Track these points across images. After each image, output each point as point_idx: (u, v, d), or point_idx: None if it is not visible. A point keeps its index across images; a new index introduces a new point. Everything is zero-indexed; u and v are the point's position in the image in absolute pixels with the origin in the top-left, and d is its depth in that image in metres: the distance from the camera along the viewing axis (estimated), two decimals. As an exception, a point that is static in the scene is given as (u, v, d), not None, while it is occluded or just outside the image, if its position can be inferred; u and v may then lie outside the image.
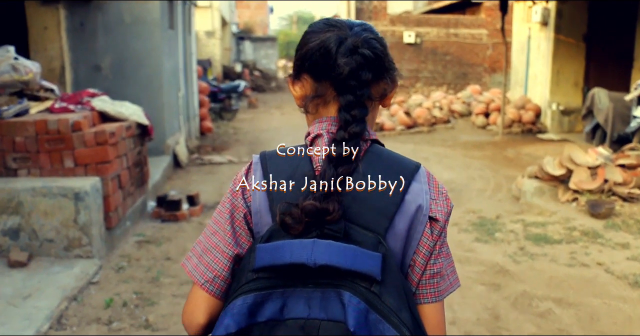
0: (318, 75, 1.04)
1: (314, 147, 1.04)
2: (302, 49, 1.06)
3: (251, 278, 0.93)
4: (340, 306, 0.89)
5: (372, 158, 1.02)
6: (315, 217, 0.93)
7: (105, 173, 4.33)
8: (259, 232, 1.02)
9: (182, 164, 7.98)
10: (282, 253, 0.91)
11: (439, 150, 10.11)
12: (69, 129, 4.25)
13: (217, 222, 1.05)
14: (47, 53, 6.81)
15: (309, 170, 1.01)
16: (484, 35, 20.31)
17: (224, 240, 1.03)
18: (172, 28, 8.21)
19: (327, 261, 0.88)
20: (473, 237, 4.92)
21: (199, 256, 1.05)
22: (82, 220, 4.07)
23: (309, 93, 1.07)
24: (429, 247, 1.02)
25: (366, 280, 0.90)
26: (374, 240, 0.94)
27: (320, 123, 1.07)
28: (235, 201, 1.04)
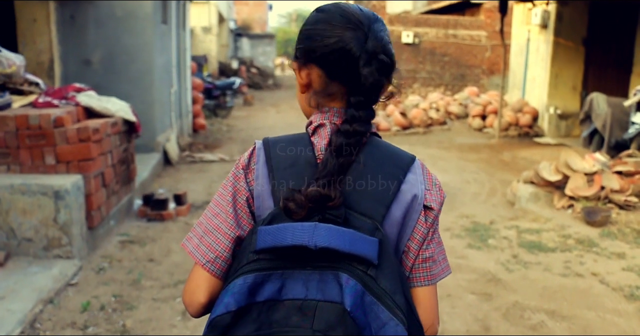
0: (332, 75, 1.05)
1: (315, 136, 1.07)
2: (316, 39, 1.05)
3: (252, 259, 0.95)
4: (337, 287, 0.91)
5: (371, 150, 1.06)
6: (318, 202, 0.96)
7: (88, 171, 4.20)
8: (260, 215, 1.04)
9: (173, 162, 7.84)
10: (284, 235, 0.93)
11: (434, 152, 10.00)
12: (51, 125, 4.11)
13: (219, 204, 1.07)
14: (35, 46, 6.67)
15: (311, 157, 1.04)
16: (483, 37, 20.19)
17: (226, 222, 1.05)
18: (165, 23, 8.06)
19: (327, 244, 0.91)
20: (465, 242, 4.80)
21: (200, 237, 1.07)
22: (62, 219, 3.94)
23: (317, 86, 1.08)
24: (423, 234, 1.06)
25: (363, 263, 0.93)
26: (372, 226, 0.97)
27: (323, 113, 1.09)
28: (237, 184, 1.07)
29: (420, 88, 18.54)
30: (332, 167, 0.99)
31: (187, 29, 10.29)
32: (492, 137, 11.38)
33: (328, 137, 1.05)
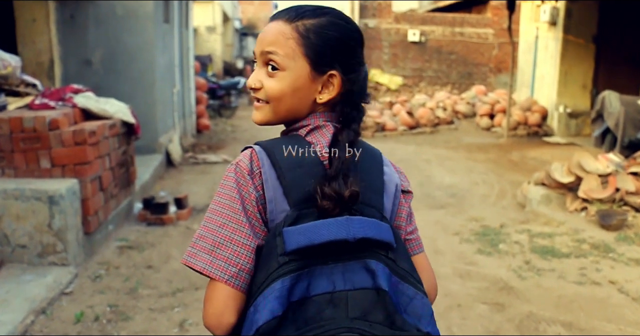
0: (348, 71, 1.10)
1: (311, 137, 1.09)
2: (354, 52, 1.12)
3: (284, 261, 0.94)
4: (365, 274, 0.95)
5: (359, 147, 1.10)
6: (353, 199, 1.00)
7: (84, 175, 4.06)
8: (274, 219, 1.03)
9: (175, 163, 7.70)
10: (319, 233, 0.95)
11: (442, 152, 9.82)
12: (46, 127, 3.97)
13: (223, 214, 1.02)
14: (35, 46, 6.54)
15: (315, 157, 1.05)
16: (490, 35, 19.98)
17: (241, 232, 1.01)
18: (167, 22, 7.92)
19: (364, 235, 0.96)
20: (475, 248, 4.63)
21: (210, 251, 1.01)
22: (57, 225, 3.80)
23: (335, 94, 1.10)
24: (407, 212, 1.18)
25: (384, 248, 0.99)
26: (379, 215, 1.05)
27: (316, 117, 1.11)
28: (243, 191, 1.03)
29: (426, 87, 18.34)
30: (347, 163, 1.03)
31: (190, 28, 10.15)
32: (501, 137, 11.18)
33: (329, 137, 1.08)
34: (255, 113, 1.15)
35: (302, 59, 1.07)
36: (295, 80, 1.07)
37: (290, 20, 1.08)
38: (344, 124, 1.08)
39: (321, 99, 1.10)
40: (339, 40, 1.08)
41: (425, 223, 5.40)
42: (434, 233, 5.08)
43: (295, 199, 1.01)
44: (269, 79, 1.09)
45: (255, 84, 1.11)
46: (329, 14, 1.09)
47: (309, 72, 1.08)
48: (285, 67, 1.07)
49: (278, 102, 1.09)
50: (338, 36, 1.08)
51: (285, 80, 1.07)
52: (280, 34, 1.07)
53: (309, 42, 1.07)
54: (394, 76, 17.94)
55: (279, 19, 1.10)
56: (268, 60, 1.09)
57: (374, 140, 11.01)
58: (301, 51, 1.07)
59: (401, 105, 12.86)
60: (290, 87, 1.08)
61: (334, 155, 1.04)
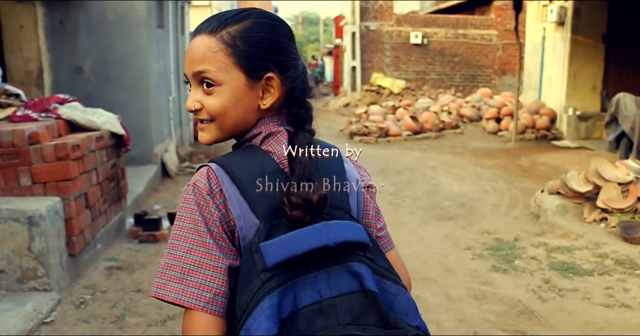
0: (284, 70, 1.06)
1: (266, 145, 1.05)
2: (283, 50, 1.07)
3: (266, 278, 0.91)
4: (350, 278, 0.93)
5: (316, 147, 1.06)
6: (322, 204, 0.97)
7: (67, 192, 3.76)
8: (245, 236, 0.99)
9: (171, 173, 7.41)
10: (299, 243, 0.92)
11: (448, 158, 9.51)
12: (25, 142, 3.68)
13: (188, 239, 0.97)
14: (23, 54, 6.27)
15: (275, 165, 1.02)
16: (494, 36, 19.68)
17: (210, 255, 0.96)
18: (161, 27, 7.64)
19: (343, 238, 0.94)
20: (489, 265, 4.32)
21: (181, 279, 0.96)
22: (37, 248, 3.50)
23: (278, 96, 1.06)
24: (374, 208, 1.15)
25: (361, 249, 0.97)
26: (348, 216, 1.03)
27: (265, 124, 1.07)
28: (204, 212, 0.98)
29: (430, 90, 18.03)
30: (310, 167, 1.00)
31: (187, 33, 9.87)
32: (508, 141, 10.87)
33: (285, 143, 1.04)
34: (202, 134, 1.08)
35: (235, 69, 1.03)
36: (234, 92, 1.03)
37: (214, 31, 1.03)
38: (297, 126, 1.06)
39: (265, 105, 1.06)
40: (267, 41, 1.04)
41: (434, 237, 5.10)
42: (445, 248, 4.77)
43: (264, 212, 0.98)
44: (207, 97, 1.04)
45: (195, 106, 1.05)
46: (251, 15, 1.05)
47: (246, 81, 1.04)
48: (221, 81, 1.03)
49: (222, 117, 1.05)
50: (266, 36, 1.04)
51: (224, 94, 1.03)
52: (207, 49, 1.02)
53: (237, 51, 1.02)
54: (396, 79, 17.63)
55: (202, 32, 1.05)
56: (202, 79, 1.04)
57: (377, 146, 10.71)
58: (232, 61, 1.02)
59: (405, 110, 12.56)
60: (231, 99, 1.03)
61: (294, 161, 1.01)
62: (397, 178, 7.59)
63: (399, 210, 5.98)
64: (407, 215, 5.83)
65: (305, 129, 1.06)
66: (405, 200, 6.42)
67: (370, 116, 11.94)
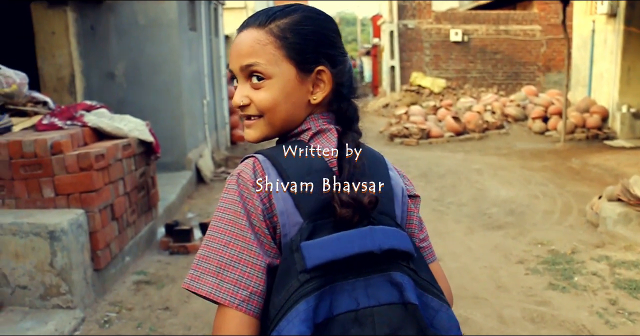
0: (334, 64, 1.03)
1: (314, 142, 1.01)
2: (335, 43, 1.04)
3: (305, 279, 0.86)
4: (390, 288, 0.89)
5: (363, 150, 1.02)
6: (373, 206, 0.93)
7: (91, 204, 3.56)
8: (287, 233, 0.93)
9: (206, 179, 7.22)
10: (343, 246, 0.87)
11: (493, 160, 9.06)
12: (48, 152, 3.50)
13: (228, 231, 0.91)
14: (55, 60, 6.18)
15: (323, 163, 0.97)
16: (537, 31, 18.97)
17: (249, 250, 0.91)
18: (193, 30, 7.47)
19: (389, 245, 0.90)
20: (546, 281, 3.93)
21: (216, 273, 0.90)
22: (59, 264, 3.31)
23: (329, 91, 1.02)
24: (418, 218, 1.11)
25: (405, 258, 0.93)
26: (394, 223, 0.98)
27: (315, 120, 1.03)
28: (248, 205, 0.92)
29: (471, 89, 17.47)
30: (360, 168, 0.96)
31: (221, 36, 9.71)
32: (557, 141, 10.32)
33: (334, 141, 1.00)
34: (249, 131, 1.04)
35: (286, 61, 0.99)
36: (285, 85, 0.99)
37: (262, 24, 1.00)
38: (346, 125, 1.02)
39: (315, 99, 1.02)
40: (318, 34, 1.01)
41: (483, 248, 4.73)
42: (495, 261, 4.40)
43: (308, 210, 0.93)
44: (256, 92, 1.00)
45: (242, 101, 1.01)
46: (299, 9, 1.03)
47: (296, 74, 1.00)
48: (271, 74, 0.99)
49: (272, 112, 1.01)
50: (315, 29, 1.01)
51: (275, 88, 0.99)
52: (256, 42, 0.99)
53: (287, 43, 0.99)
54: (436, 78, 17.15)
55: (249, 26, 1.01)
56: (250, 73, 1.00)
57: (418, 148, 10.33)
58: (282, 54, 0.99)
59: (446, 110, 12.12)
60: (282, 93, 1.00)
61: (343, 160, 0.97)
62: (440, 182, 7.22)
63: (444, 217, 5.62)
64: (453, 223, 5.46)
65: (354, 129, 1.02)
66: (450, 207, 6.05)
67: (410, 117, 11.56)
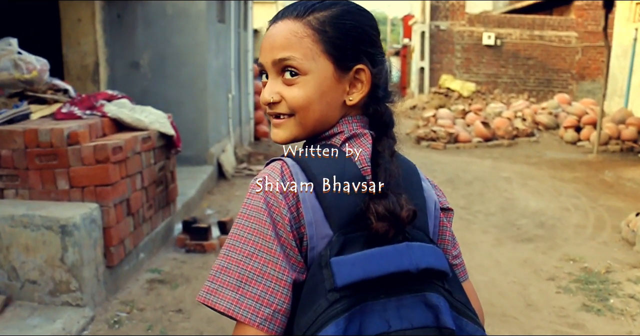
0: (374, 64, 0.94)
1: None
2: (375, 41, 0.95)
3: (335, 299, 0.78)
4: (424, 310, 0.82)
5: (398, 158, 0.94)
6: (410, 220, 0.85)
7: (107, 198, 3.43)
8: (315, 247, 0.84)
9: (227, 175, 7.09)
10: (377, 263, 0.80)
11: (522, 168, 8.77)
12: (64, 142, 3.37)
13: (251, 241, 0.83)
14: (80, 48, 6.09)
15: (356, 170, 0.89)
16: (573, 38, 18.49)
17: (274, 264, 0.82)
18: (222, 22, 7.33)
19: (427, 264, 0.83)
20: (579, 301, 3.70)
21: (236, 287, 0.82)
22: (70, 259, 3.18)
23: (366, 92, 0.94)
24: (450, 234, 1.02)
25: (440, 278, 0.85)
26: (428, 239, 0.90)
27: (349, 123, 0.94)
28: (274, 213, 0.84)
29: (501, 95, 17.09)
30: (396, 177, 0.87)
31: (250, 29, 9.57)
32: (589, 152, 9.98)
33: (369, 147, 0.91)
34: (277, 131, 0.95)
35: (323, 57, 0.90)
36: (321, 83, 0.90)
37: (300, 16, 0.91)
38: (381, 130, 0.94)
39: (351, 100, 0.93)
40: (359, 30, 0.92)
41: (511, 262, 4.49)
42: (524, 277, 4.17)
43: (339, 222, 0.84)
44: (289, 88, 0.91)
45: (273, 98, 0.92)
46: (339, 3, 0.93)
47: (334, 71, 0.91)
48: (307, 70, 0.90)
49: (305, 111, 0.91)
50: (356, 25, 0.92)
51: (310, 85, 0.90)
52: (292, 34, 0.90)
53: (326, 37, 0.90)
54: (466, 82, 16.82)
55: (286, 17, 0.92)
56: (284, 68, 0.90)
57: (445, 152, 10.08)
58: (320, 48, 0.90)
59: (475, 114, 11.83)
60: (317, 91, 0.90)
61: (378, 168, 0.88)
62: (467, 189, 6.98)
63: (471, 227, 5.39)
64: (480, 233, 5.23)
65: (389, 135, 0.94)
66: (477, 216, 5.82)
67: (438, 120, 11.29)
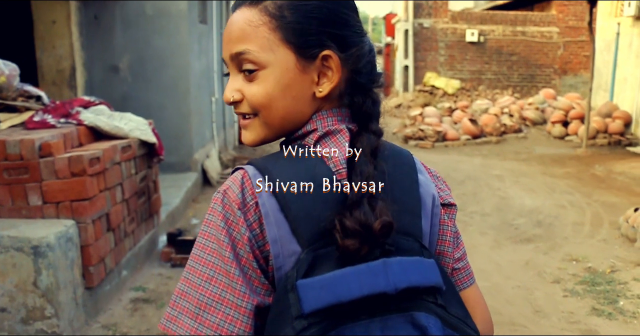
0: (345, 47, 0.82)
1: (320, 147, 0.80)
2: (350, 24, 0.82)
3: (302, 327, 0.68)
4: (412, 332, 0.71)
5: (383, 152, 0.82)
6: (386, 233, 0.73)
7: (84, 214, 3.18)
8: (281, 266, 0.75)
9: (213, 182, 6.84)
10: (348, 286, 0.69)
11: (513, 165, 8.64)
12: (35, 154, 3.11)
13: (209, 264, 0.75)
14: (55, 51, 5.80)
15: (329, 174, 0.77)
16: (555, 34, 18.50)
17: (233, 289, 0.74)
18: (204, 22, 7.08)
19: (407, 284, 0.71)
20: (587, 305, 3.53)
21: (195, 315, 0.74)
22: (44, 283, 2.92)
23: (337, 80, 0.81)
24: (452, 233, 0.90)
25: (431, 292, 0.75)
26: (418, 246, 0.79)
27: (322, 118, 0.83)
28: (233, 231, 0.75)
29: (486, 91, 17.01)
30: (373, 179, 0.75)
31: (232, 30, 9.32)
32: (578, 147, 9.89)
33: (345, 145, 0.79)
34: (244, 132, 0.85)
35: (283, 46, 0.79)
36: (282, 76, 0.79)
37: (256, 1, 0.80)
38: (361, 124, 0.82)
39: (321, 92, 0.81)
40: (324, 10, 0.79)
41: (513, 265, 4.32)
42: (528, 280, 3.99)
43: (308, 236, 0.74)
44: (249, 85, 0.81)
45: (233, 96, 0.82)
46: None
47: (296, 61, 0.80)
48: (265, 63, 0.79)
49: (268, 110, 0.81)
50: (321, 4, 0.79)
51: (269, 80, 0.80)
52: (247, 23, 0.79)
53: (285, 23, 0.78)
54: (450, 79, 16.71)
55: (241, 5, 0.81)
56: (241, 62, 0.80)
57: (434, 151, 9.92)
58: (278, 37, 0.79)
59: (462, 112, 11.70)
60: (278, 86, 0.80)
61: (354, 170, 0.76)
62: (460, 189, 6.81)
63: (468, 229, 5.21)
64: (478, 235, 5.05)
65: (370, 129, 0.81)
66: (473, 217, 5.64)
67: (425, 118, 11.14)
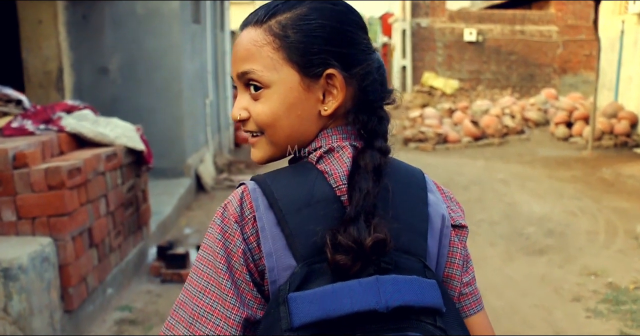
0: (350, 66, 0.81)
1: (323, 164, 0.80)
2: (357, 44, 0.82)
3: None
4: None
5: (390, 170, 0.81)
6: (379, 249, 0.72)
7: (62, 231, 2.88)
8: (276, 280, 0.75)
9: (207, 188, 6.55)
10: (338, 301, 0.69)
11: (517, 168, 8.37)
12: (9, 165, 2.82)
13: (205, 275, 0.76)
14: (41, 52, 5.50)
15: (328, 190, 0.78)
16: (554, 32, 18.28)
17: (223, 300, 0.75)
18: (197, 22, 6.79)
19: (400, 302, 0.70)
20: (614, 327, 3.25)
21: (189, 324, 0.75)
22: (15, 309, 2.63)
23: (342, 99, 0.81)
24: (462, 256, 0.87)
25: (430, 314, 0.73)
26: (420, 266, 0.78)
27: (327, 136, 0.83)
28: (229, 245, 0.76)
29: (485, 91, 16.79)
30: (372, 197, 0.75)
31: (227, 30, 9.03)
32: (583, 149, 9.64)
33: (347, 163, 0.79)
34: (253, 151, 0.86)
35: (286, 65, 0.79)
36: (286, 95, 0.80)
37: (260, 21, 0.80)
38: (366, 142, 0.81)
39: (326, 110, 0.81)
40: (326, 28, 0.79)
41: (528, 279, 4.04)
42: (546, 298, 3.71)
43: (304, 251, 0.74)
44: (254, 104, 0.82)
45: (240, 115, 0.83)
46: (304, 2, 0.80)
47: (300, 80, 0.80)
48: (269, 82, 0.80)
49: (273, 128, 0.82)
50: (325, 23, 0.79)
51: (274, 99, 0.80)
52: (252, 43, 0.80)
53: (288, 42, 0.79)
54: (449, 79, 16.47)
55: (248, 25, 0.82)
56: (247, 81, 0.82)
57: (435, 154, 9.65)
58: (282, 56, 0.79)
59: (462, 113, 11.43)
60: (282, 105, 0.80)
61: (354, 187, 0.75)
62: (465, 195, 6.53)
63: (476, 239, 4.94)
64: (488, 246, 4.78)
65: (375, 146, 0.79)
66: (480, 226, 5.37)
67: (425, 120, 10.87)
